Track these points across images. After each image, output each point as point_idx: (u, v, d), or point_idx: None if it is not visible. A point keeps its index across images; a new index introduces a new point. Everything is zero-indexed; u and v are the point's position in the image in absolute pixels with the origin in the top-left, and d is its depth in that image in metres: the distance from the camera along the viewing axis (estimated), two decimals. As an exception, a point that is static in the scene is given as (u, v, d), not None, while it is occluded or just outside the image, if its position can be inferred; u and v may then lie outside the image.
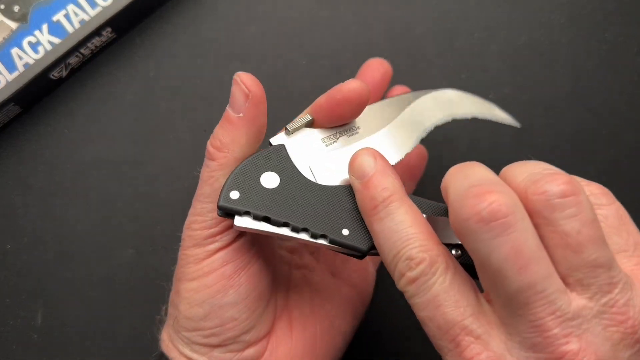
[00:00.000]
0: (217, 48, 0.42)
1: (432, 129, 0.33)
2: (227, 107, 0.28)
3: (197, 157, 0.42)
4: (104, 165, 0.41)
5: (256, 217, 0.26)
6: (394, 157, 0.30)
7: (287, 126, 0.29)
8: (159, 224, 0.41)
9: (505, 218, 0.21)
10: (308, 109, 0.30)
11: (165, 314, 0.32)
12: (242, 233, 0.29)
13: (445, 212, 0.28)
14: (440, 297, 0.23)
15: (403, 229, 0.24)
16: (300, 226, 0.26)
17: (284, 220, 0.26)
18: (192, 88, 0.42)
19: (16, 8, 0.39)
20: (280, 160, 0.28)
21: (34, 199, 0.41)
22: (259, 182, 0.27)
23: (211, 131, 0.42)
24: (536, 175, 0.23)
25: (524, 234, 0.22)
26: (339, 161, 0.29)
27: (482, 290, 0.25)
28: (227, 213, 0.26)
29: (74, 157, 0.42)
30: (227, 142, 0.28)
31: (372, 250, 0.26)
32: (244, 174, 0.27)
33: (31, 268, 0.41)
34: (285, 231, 0.26)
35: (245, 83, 0.28)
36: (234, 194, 0.26)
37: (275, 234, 0.26)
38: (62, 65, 0.40)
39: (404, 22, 0.43)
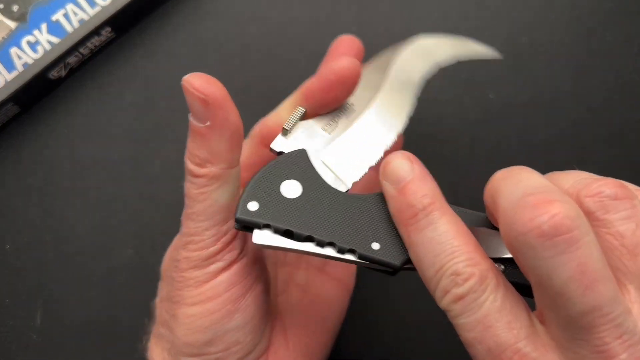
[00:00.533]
0: (217, 48, 0.42)
1: (423, 84, 0.31)
2: (190, 118, 0.25)
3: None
4: (104, 165, 0.41)
5: (277, 231, 0.24)
6: (398, 125, 0.28)
7: (284, 126, 0.27)
8: (158, 224, 0.41)
9: (570, 233, 0.19)
10: (293, 100, 0.28)
11: (147, 330, 0.30)
12: (246, 249, 0.27)
13: (485, 223, 0.25)
14: (491, 317, 0.21)
15: (447, 240, 0.22)
16: (326, 240, 0.24)
17: (308, 234, 0.24)
18: (191, 88, 0.42)
19: (15, 7, 0.39)
20: (302, 167, 0.25)
21: (33, 198, 0.41)
22: (279, 191, 0.25)
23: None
24: (586, 179, 0.22)
25: (590, 250, 0.20)
26: (350, 145, 0.27)
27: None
28: (245, 226, 0.24)
29: (74, 157, 0.42)
30: (206, 156, 0.25)
31: (407, 265, 0.24)
32: (263, 182, 0.25)
33: (30, 268, 0.41)
34: (308, 247, 0.24)
35: (198, 89, 0.25)
36: (253, 205, 0.24)
37: (297, 251, 0.24)
38: (61, 64, 0.40)
39: (404, 22, 0.43)
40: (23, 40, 0.39)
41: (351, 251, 0.24)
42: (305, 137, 0.27)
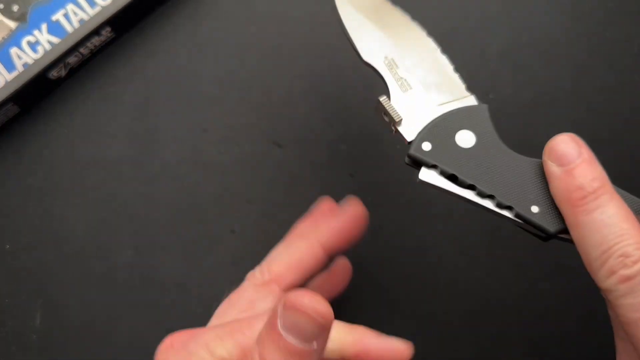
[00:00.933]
0: (217, 48, 0.42)
1: None
2: (288, 335, 0.22)
3: (196, 157, 0.42)
4: (103, 165, 0.41)
5: (443, 173, 0.26)
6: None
7: (395, 119, 0.28)
8: (158, 224, 0.41)
9: None
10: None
11: None
12: None
13: None
14: None
15: (616, 222, 0.23)
16: (487, 192, 0.25)
17: (471, 182, 0.25)
18: (191, 88, 0.42)
19: (15, 7, 0.39)
20: (481, 121, 0.27)
21: (32, 198, 0.41)
22: (454, 139, 0.26)
23: (211, 131, 0.42)
24: None
25: None
26: (441, 92, 0.29)
27: None
28: (415, 162, 0.26)
29: (73, 157, 0.42)
30: None
31: (561, 234, 0.25)
32: (440, 127, 0.26)
33: (30, 268, 0.41)
34: (469, 194, 0.26)
35: (317, 310, 0.22)
36: (426, 145, 0.26)
37: (457, 195, 0.26)
38: (61, 64, 0.40)
39: (404, 21, 0.43)
40: (23, 40, 0.39)
41: (509, 208, 0.25)
42: (415, 104, 0.28)
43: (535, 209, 0.25)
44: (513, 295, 0.41)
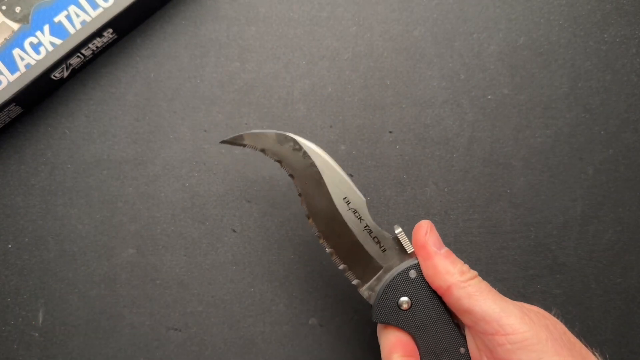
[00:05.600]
0: (217, 48, 0.43)
1: None
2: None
3: (197, 157, 0.42)
4: (105, 165, 0.42)
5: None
6: None
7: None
8: (159, 224, 0.41)
9: None
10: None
11: None
12: None
13: None
14: None
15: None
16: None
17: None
18: (192, 88, 0.42)
19: (18, 9, 0.39)
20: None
21: (35, 198, 0.41)
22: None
23: (211, 131, 0.42)
24: None
25: None
26: None
27: None
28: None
29: (75, 157, 0.42)
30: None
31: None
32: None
33: (32, 267, 0.41)
34: None
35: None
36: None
37: None
38: (64, 65, 0.40)
39: (404, 22, 0.43)
40: (26, 41, 0.39)
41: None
42: None
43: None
44: (513, 295, 0.41)
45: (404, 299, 0.33)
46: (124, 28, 0.42)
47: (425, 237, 0.33)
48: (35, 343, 0.40)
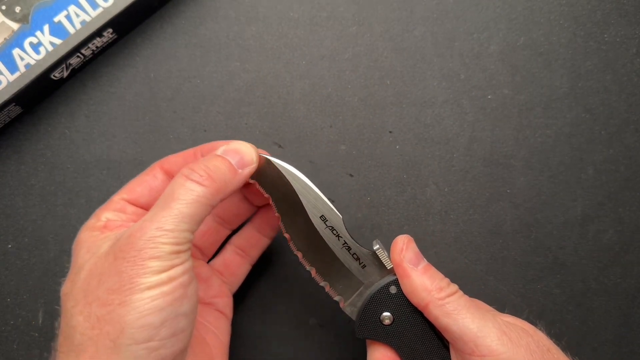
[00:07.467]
0: (217, 48, 0.43)
1: None
2: (230, 158, 0.32)
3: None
4: (105, 165, 0.42)
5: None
6: None
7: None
8: (159, 224, 0.41)
9: None
10: None
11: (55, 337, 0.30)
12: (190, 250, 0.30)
13: None
14: None
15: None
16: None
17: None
18: (192, 88, 0.42)
19: (17, 9, 0.39)
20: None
21: (35, 198, 0.41)
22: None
23: (211, 131, 0.42)
24: None
25: None
26: None
27: None
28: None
29: (75, 157, 0.42)
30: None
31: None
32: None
33: (32, 268, 0.41)
34: None
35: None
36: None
37: None
38: (63, 65, 0.40)
39: (404, 22, 0.43)
40: (25, 41, 0.39)
41: None
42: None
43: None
44: (513, 295, 0.41)
45: (386, 314, 0.33)
46: (124, 28, 0.42)
47: (401, 254, 0.33)
48: (35, 343, 0.40)
